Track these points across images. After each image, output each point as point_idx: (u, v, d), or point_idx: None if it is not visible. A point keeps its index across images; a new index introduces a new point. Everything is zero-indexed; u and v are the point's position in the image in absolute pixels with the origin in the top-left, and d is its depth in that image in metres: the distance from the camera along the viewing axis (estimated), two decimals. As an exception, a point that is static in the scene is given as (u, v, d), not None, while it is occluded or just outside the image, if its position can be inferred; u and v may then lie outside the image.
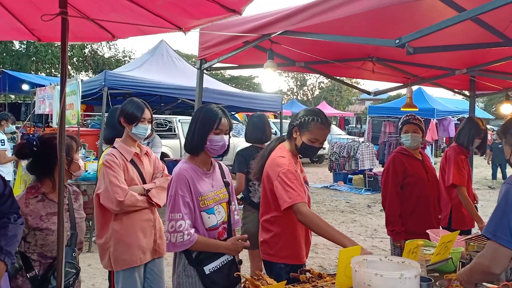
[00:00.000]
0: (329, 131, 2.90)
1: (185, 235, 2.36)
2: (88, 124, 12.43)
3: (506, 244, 1.86)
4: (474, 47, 3.53)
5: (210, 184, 2.55)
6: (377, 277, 1.93)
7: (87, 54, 27.03)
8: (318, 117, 2.77)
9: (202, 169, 2.56)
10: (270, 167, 2.78)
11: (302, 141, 2.79)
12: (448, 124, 14.26)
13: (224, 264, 2.51)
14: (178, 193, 2.40)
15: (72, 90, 6.89)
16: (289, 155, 2.83)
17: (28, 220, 2.46)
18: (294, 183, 2.65)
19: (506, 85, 5.77)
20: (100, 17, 2.64)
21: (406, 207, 3.87)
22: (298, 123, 2.80)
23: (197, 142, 2.50)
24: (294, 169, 2.73)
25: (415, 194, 3.88)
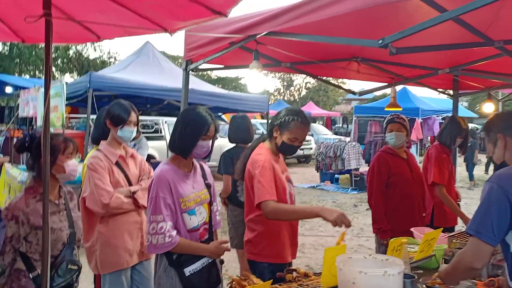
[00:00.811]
0: (309, 130, 2.95)
1: (167, 237, 2.37)
2: (74, 126, 12.31)
3: (488, 241, 1.90)
4: (456, 47, 3.59)
5: (191, 186, 2.56)
6: (361, 274, 1.96)
7: (72, 55, 26.72)
8: (298, 116, 2.82)
9: (183, 171, 2.57)
10: (250, 166, 2.82)
11: (283, 140, 2.83)
12: (433, 123, 14.44)
13: (204, 266, 2.52)
14: (159, 195, 2.41)
15: (56, 92, 6.83)
16: (268, 152, 2.87)
17: (30, 219, 2.49)
18: (265, 179, 2.69)
19: (489, 84, 5.87)
20: (85, 18, 2.63)
21: (391, 205, 3.92)
22: (279, 122, 2.84)
23: (188, 146, 2.51)
24: (270, 165, 2.76)
25: (399, 192, 3.93)
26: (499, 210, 1.89)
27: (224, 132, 15.83)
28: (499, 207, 1.89)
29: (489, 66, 4.74)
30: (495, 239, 1.90)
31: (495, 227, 1.89)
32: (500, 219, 1.89)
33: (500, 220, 1.89)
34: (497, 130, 2.18)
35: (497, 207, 1.89)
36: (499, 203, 1.89)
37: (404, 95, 14.45)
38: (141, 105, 11.18)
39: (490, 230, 1.89)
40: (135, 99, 9.87)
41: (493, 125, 2.22)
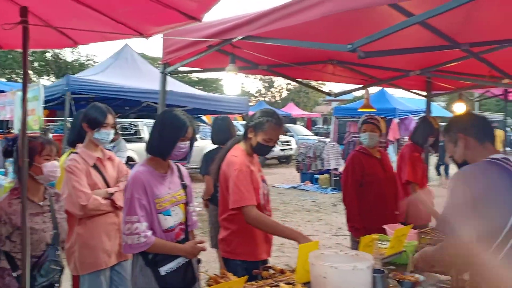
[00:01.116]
0: (282, 130, 3.05)
1: (142, 237, 2.42)
2: (51, 130, 12.17)
3: None
4: (423, 50, 3.72)
5: (167, 186, 2.61)
6: (332, 269, 2.04)
7: (49, 58, 26.33)
8: (272, 117, 2.91)
9: (159, 172, 2.62)
10: (226, 167, 2.89)
11: (257, 141, 2.91)
12: (409, 123, 14.64)
13: (181, 265, 2.58)
14: (134, 196, 2.45)
15: (34, 95, 6.76)
16: (243, 154, 2.94)
17: (12, 219, 2.53)
18: (244, 184, 2.77)
19: (459, 85, 6.05)
20: (62, 24, 2.66)
21: (365, 204, 4.03)
22: (254, 124, 2.92)
23: (167, 148, 2.56)
24: (247, 169, 2.84)
25: (373, 192, 4.05)
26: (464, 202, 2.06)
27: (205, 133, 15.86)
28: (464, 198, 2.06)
29: (458, 68, 4.90)
30: None
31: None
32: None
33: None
34: (457, 129, 2.26)
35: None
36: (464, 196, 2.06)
37: (381, 96, 14.68)
38: (119, 108, 11.11)
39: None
40: (113, 101, 9.82)
41: (453, 125, 2.30)
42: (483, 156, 2.18)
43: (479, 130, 2.26)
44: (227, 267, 2.86)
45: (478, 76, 5.19)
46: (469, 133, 2.23)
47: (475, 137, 2.23)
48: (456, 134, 2.26)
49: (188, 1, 2.34)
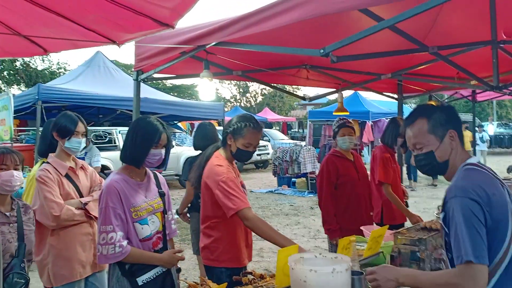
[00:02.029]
0: (261, 135, 3.04)
1: (117, 247, 2.38)
2: (22, 140, 11.88)
3: (485, 262, 1.67)
4: (394, 53, 3.80)
5: (143, 195, 2.58)
6: (312, 272, 2.05)
7: (19, 67, 25.72)
8: (250, 122, 2.90)
9: (135, 180, 2.58)
10: (209, 176, 2.85)
11: (237, 146, 2.89)
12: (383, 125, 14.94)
13: (158, 275, 2.54)
14: (108, 205, 2.41)
15: (3, 105, 6.61)
16: (226, 162, 2.92)
17: None
18: (235, 190, 2.75)
19: (429, 87, 6.21)
20: (31, 32, 2.61)
21: (340, 205, 4.10)
22: (232, 130, 2.91)
23: (140, 156, 2.53)
24: (233, 176, 2.83)
25: (347, 193, 4.12)
26: (481, 224, 1.69)
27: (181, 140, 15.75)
28: (481, 221, 1.69)
29: (429, 70, 5.03)
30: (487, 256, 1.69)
31: (485, 244, 1.69)
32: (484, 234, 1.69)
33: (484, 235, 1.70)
34: (446, 123, 1.92)
35: (479, 221, 1.69)
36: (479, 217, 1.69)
37: (354, 99, 14.94)
38: (93, 116, 10.98)
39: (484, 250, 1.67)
40: (86, 109, 9.71)
41: (441, 115, 1.93)
42: (462, 160, 1.92)
43: (460, 127, 1.97)
44: (210, 275, 2.84)
45: (447, 78, 5.34)
46: (459, 131, 1.93)
47: (459, 136, 1.94)
48: (446, 128, 1.91)
49: (161, 8, 2.33)
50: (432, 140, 1.92)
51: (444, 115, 1.94)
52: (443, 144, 1.91)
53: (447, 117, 1.94)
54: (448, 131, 1.91)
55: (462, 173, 1.85)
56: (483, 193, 1.73)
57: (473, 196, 1.71)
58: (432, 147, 1.92)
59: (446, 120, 1.92)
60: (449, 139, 1.91)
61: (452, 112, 1.98)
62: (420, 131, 1.95)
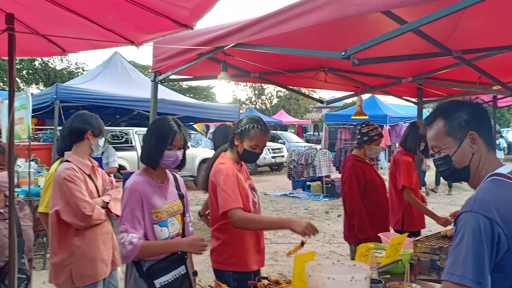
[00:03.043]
0: (269, 137, 3.01)
1: (127, 245, 2.37)
2: (40, 138, 12.04)
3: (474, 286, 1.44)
4: (416, 57, 3.73)
5: (164, 197, 2.57)
6: (330, 280, 2.01)
7: (38, 66, 26.11)
8: (258, 124, 2.88)
9: (156, 182, 2.58)
10: (213, 176, 2.85)
11: (244, 147, 2.88)
12: (400, 130, 14.75)
13: (176, 278, 2.51)
14: (127, 206, 2.42)
15: (21, 104, 6.66)
16: (230, 161, 2.90)
17: None
18: (230, 188, 2.72)
19: (451, 92, 6.09)
20: (49, 32, 2.61)
21: (369, 212, 3.98)
22: (239, 131, 2.89)
23: (154, 157, 2.51)
24: (233, 173, 2.80)
25: (373, 198, 4.02)
26: (490, 249, 1.46)
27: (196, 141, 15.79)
28: (489, 245, 1.46)
29: (450, 75, 4.93)
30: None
31: (488, 270, 1.46)
32: (491, 260, 1.47)
33: (491, 261, 1.47)
34: (467, 124, 1.68)
35: (487, 245, 1.46)
36: (488, 240, 1.46)
37: (372, 102, 14.77)
38: (110, 116, 11.04)
39: (487, 278, 1.45)
40: (103, 109, 9.76)
41: (461, 115, 1.70)
42: (490, 167, 1.67)
43: (489, 131, 1.72)
44: (218, 278, 2.81)
45: (468, 83, 5.22)
46: (482, 134, 1.68)
47: (486, 139, 1.69)
48: (466, 130, 1.68)
49: (180, 8, 2.30)
50: (449, 143, 1.70)
51: (467, 114, 1.70)
52: (462, 148, 1.67)
53: (470, 117, 1.69)
54: (469, 133, 1.67)
55: (487, 184, 1.62)
56: (505, 211, 1.49)
57: (490, 214, 1.48)
58: (449, 151, 1.71)
59: (468, 121, 1.68)
60: (469, 142, 1.67)
61: (478, 112, 1.73)
62: (437, 132, 1.74)
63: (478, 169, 1.69)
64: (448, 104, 1.78)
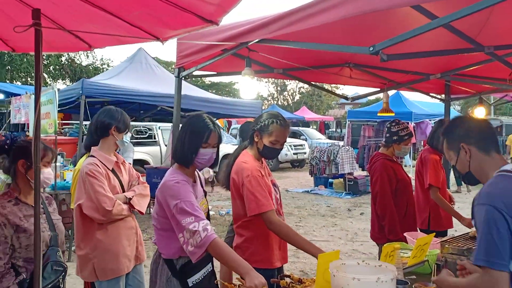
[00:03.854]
0: (289, 132, 2.96)
1: (202, 231, 2.23)
2: (66, 133, 12.26)
3: (503, 268, 1.72)
4: (446, 53, 3.63)
5: (196, 195, 2.51)
6: (355, 281, 1.96)
7: (64, 62, 26.63)
8: (277, 119, 2.84)
9: (190, 180, 2.52)
10: (236, 173, 2.82)
11: (264, 144, 2.84)
12: (426, 127, 14.46)
13: (205, 275, 2.50)
14: (182, 199, 2.30)
15: (48, 99, 6.79)
16: (252, 159, 2.87)
17: (10, 219, 2.48)
18: (258, 191, 2.70)
19: (480, 89, 5.92)
20: (75, 27, 2.62)
21: (400, 212, 3.89)
22: (259, 127, 2.85)
23: (189, 155, 2.44)
24: (258, 174, 2.77)
25: (405, 198, 3.93)
26: (501, 233, 1.73)
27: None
28: (500, 230, 1.73)
29: (479, 71, 4.79)
30: (507, 264, 1.72)
31: (503, 252, 1.72)
32: (504, 242, 1.73)
33: (504, 243, 1.73)
34: (458, 138, 2.07)
35: (498, 230, 1.73)
36: (499, 226, 1.73)
37: (397, 99, 14.51)
38: (134, 111, 11.17)
39: (501, 257, 1.72)
40: (127, 105, 9.87)
41: (453, 132, 2.11)
42: (492, 168, 1.98)
43: (482, 138, 2.05)
44: None
45: (498, 79, 5.07)
46: (471, 143, 2.04)
47: (478, 146, 2.03)
48: (458, 143, 2.07)
49: (206, 4, 2.28)
50: (452, 155, 2.12)
51: (459, 130, 2.10)
52: (460, 158, 2.07)
53: (461, 132, 2.08)
54: (460, 145, 2.05)
55: (491, 180, 1.92)
56: (510, 201, 1.77)
57: (496, 203, 1.76)
58: (453, 161, 2.13)
59: (459, 135, 2.08)
60: (463, 152, 2.05)
61: (469, 126, 2.10)
62: (444, 149, 2.19)
63: (484, 171, 2.01)
64: (448, 124, 2.20)
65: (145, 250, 3.40)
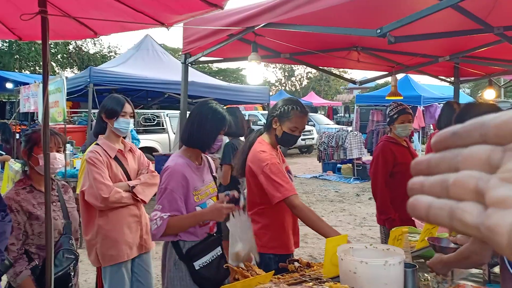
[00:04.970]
0: (307, 119, 2.96)
1: (158, 220, 2.38)
2: (75, 121, 12.33)
3: None
4: (455, 34, 3.57)
5: (202, 179, 2.59)
6: (362, 264, 1.97)
7: (72, 50, 26.68)
8: (297, 105, 2.83)
9: (195, 163, 2.60)
10: (253, 162, 2.81)
11: (283, 130, 2.82)
12: (435, 111, 14.33)
13: (214, 259, 2.55)
14: (167, 187, 2.42)
15: (57, 87, 6.81)
16: (269, 147, 2.86)
17: (23, 206, 2.54)
18: (279, 177, 2.69)
19: (489, 70, 5.84)
20: (81, 14, 2.62)
21: (398, 194, 3.90)
22: (278, 113, 2.83)
23: (209, 140, 2.55)
24: (277, 161, 2.77)
25: (406, 181, 3.91)
26: None
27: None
28: None
29: (489, 53, 4.72)
30: None
31: None
32: None
33: None
34: None
35: None
36: None
37: (405, 83, 14.36)
38: (142, 99, 11.19)
39: None
40: (135, 92, 9.90)
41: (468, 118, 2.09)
42: None
43: None
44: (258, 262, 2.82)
45: (508, 61, 4.99)
46: None
47: None
48: None
49: (210, -13, 2.27)
50: None
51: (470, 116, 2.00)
52: None
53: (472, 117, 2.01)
54: None
55: None
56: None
57: None
58: None
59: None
60: None
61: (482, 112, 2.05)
62: None
63: None
64: (460, 111, 2.23)
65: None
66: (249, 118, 9.57)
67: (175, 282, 2.49)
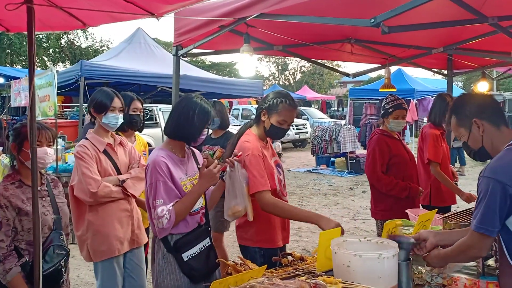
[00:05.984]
0: (296, 112, 2.92)
1: (167, 214, 2.37)
2: (67, 116, 12.24)
3: (494, 235, 1.92)
4: (449, 24, 3.54)
5: (185, 172, 2.56)
6: (356, 257, 1.95)
7: (64, 44, 26.46)
8: (286, 99, 2.79)
9: (178, 156, 2.57)
10: None
11: (271, 123, 2.80)
12: (428, 104, 14.33)
13: (202, 250, 2.53)
14: (159, 180, 2.40)
15: (47, 81, 6.72)
16: (255, 138, 2.83)
17: (12, 202, 2.47)
18: (256, 169, 2.67)
19: (483, 62, 5.82)
20: (69, 4, 2.55)
21: None
22: (267, 106, 2.81)
23: (195, 134, 2.54)
24: (258, 153, 2.73)
25: (400, 173, 3.92)
26: (500, 205, 1.86)
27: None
28: (500, 202, 1.86)
29: (483, 44, 4.70)
30: (497, 231, 1.92)
31: (497, 221, 1.89)
32: (502, 212, 1.88)
33: (501, 213, 1.88)
34: (470, 114, 2.09)
35: (498, 202, 1.86)
36: (499, 198, 1.86)
37: (399, 76, 14.38)
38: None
39: (496, 226, 1.90)
40: (127, 86, 9.81)
41: (464, 109, 2.13)
42: (502, 141, 2.02)
43: (493, 113, 2.09)
44: (244, 255, 2.79)
45: (503, 53, 4.97)
46: (484, 117, 2.06)
47: (490, 121, 2.06)
48: (470, 119, 2.08)
49: (200, -24, 2.21)
50: (462, 132, 2.13)
51: (469, 106, 2.11)
52: (472, 134, 2.09)
53: (472, 108, 2.10)
54: (473, 121, 2.06)
55: (501, 154, 1.97)
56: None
57: (500, 176, 1.86)
58: (464, 138, 2.13)
59: (470, 111, 2.09)
60: (475, 128, 2.06)
61: (479, 101, 2.15)
62: (453, 126, 2.19)
63: (494, 146, 2.05)
64: (455, 101, 2.22)
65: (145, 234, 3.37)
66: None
67: (164, 276, 2.46)
